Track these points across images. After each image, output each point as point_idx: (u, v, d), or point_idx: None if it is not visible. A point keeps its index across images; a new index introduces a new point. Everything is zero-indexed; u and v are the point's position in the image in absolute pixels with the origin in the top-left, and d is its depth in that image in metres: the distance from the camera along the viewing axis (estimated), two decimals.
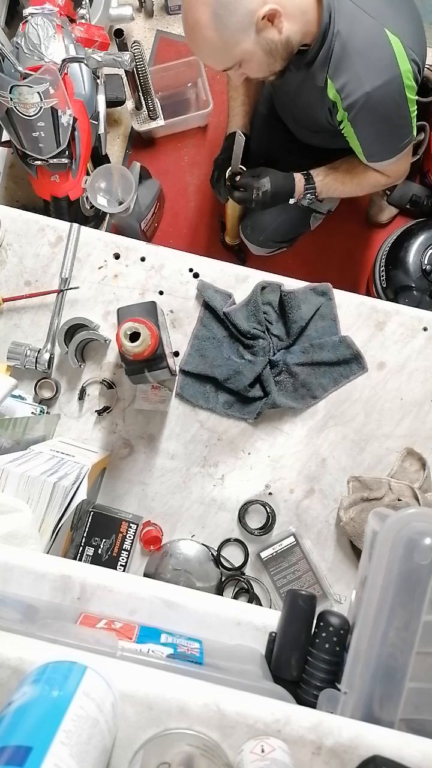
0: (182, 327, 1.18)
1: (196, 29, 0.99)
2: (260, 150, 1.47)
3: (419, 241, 1.61)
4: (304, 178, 1.26)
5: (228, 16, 0.96)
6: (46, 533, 0.86)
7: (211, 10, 0.95)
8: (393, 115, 1.09)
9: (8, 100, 1.33)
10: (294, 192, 1.25)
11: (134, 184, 1.30)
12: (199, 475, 1.17)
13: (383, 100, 1.06)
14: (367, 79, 1.03)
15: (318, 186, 1.26)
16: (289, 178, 1.25)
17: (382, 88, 1.04)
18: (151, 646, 0.60)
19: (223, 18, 0.96)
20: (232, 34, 0.98)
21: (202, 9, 0.95)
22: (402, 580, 0.56)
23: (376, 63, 1.03)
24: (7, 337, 1.16)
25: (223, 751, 0.49)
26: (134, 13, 1.94)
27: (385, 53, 1.02)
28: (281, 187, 1.24)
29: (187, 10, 0.98)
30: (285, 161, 1.37)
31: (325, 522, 1.16)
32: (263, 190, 1.21)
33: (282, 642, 0.64)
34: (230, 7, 0.95)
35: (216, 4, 0.94)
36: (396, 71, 1.02)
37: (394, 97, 1.06)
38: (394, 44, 1.01)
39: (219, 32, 0.98)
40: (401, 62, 1.02)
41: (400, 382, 1.17)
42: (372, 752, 0.49)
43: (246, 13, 0.96)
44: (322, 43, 1.04)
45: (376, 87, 1.03)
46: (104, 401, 1.17)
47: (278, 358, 1.15)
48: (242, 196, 1.24)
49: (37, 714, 0.42)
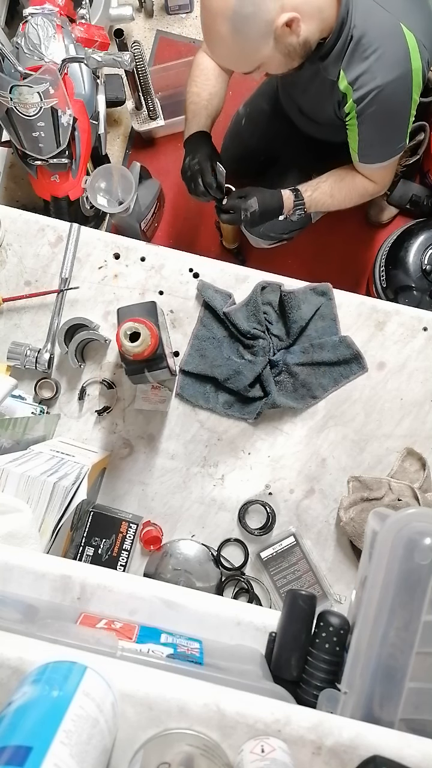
0: (182, 327, 1.18)
1: (217, 40, 1.00)
2: (261, 146, 1.46)
3: (419, 241, 1.61)
4: (293, 194, 1.24)
5: (248, 27, 0.96)
6: (46, 533, 0.86)
7: (231, 23, 0.96)
8: (396, 113, 1.10)
9: (8, 100, 1.33)
10: (283, 209, 1.24)
11: (134, 184, 1.30)
12: (199, 475, 1.17)
13: (392, 96, 1.07)
14: (380, 73, 1.04)
15: (307, 201, 1.25)
16: (277, 195, 1.23)
17: (393, 83, 1.05)
18: (151, 646, 0.60)
19: (243, 30, 0.97)
20: (252, 43, 0.99)
21: (221, 22, 0.96)
22: (402, 580, 0.56)
23: (390, 57, 1.03)
24: (7, 337, 1.16)
25: (223, 751, 0.49)
26: (134, 13, 1.94)
27: (399, 48, 1.03)
28: (269, 206, 1.21)
29: (208, 22, 0.99)
30: (286, 156, 1.36)
31: (325, 522, 1.16)
32: (251, 210, 1.18)
33: (282, 642, 0.64)
34: (250, 19, 0.95)
35: (235, 17, 0.95)
36: (408, 67, 1.04)
37: (402, 94, 1.07)
38: (409, 39, 1.02)
39: (239, 43, 0.99)
40: (414, 59, 1.03)
41: (400, 382, 1.17)
42: (372, 752, 0.49)
43: (265, 23, 0.96)
44: (338, 36, 1.04)
45: (388, 81, 1.04)
46: (104, 401, 1.17)
47: (278, 358, 1.15)
48: (231, 218, 1.20)
49: (37, 714, 0.42)
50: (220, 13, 0.95)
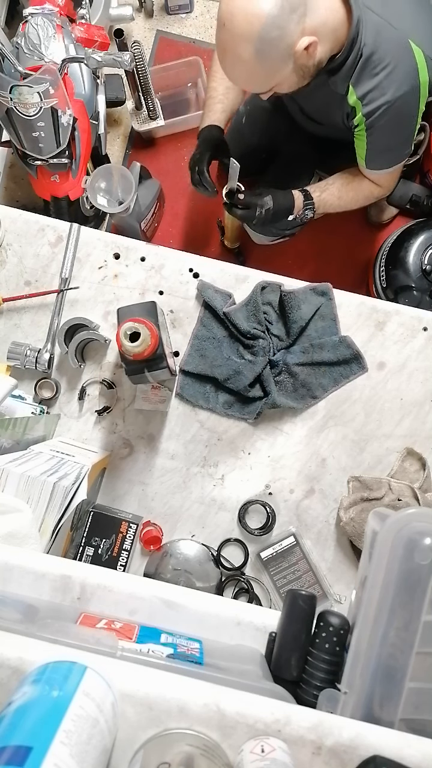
0: (182, 327, 1.18)
1: (237, 63, 1.00)
2: (262, 143, 1.47)
3: (419, 241, 1.61)
4: (302, 195, 1.27)
5: (270, 51, 0.96)
6: (46, 533, 0.86)
7: (254, 46, 0.95)
8: (404, 125, 1.13)
9: (8, 100, 1.33)
10: (293, 209, 1.26)
11: (134, 184, 1.30)
12: (199, 475, 1.17)
13: (402, 109, 1.09)
14: (390, 89, 1.06)
15: (316, 202, 1.28)
16: (288, 196, 1.25)
17: (403, 98, 1.07)
18: (151, 646, 0.60)
19: (265, 53, 0.96)
20: (272, 66, 1.00)
21: (245, 45, 0.95)
22: (402, 580, 0.56)
23: (400, 73, 1.06)
24: (7, 337, 1.16)
25: (223, 751, 0.49)
26: (134, 13, 1.93)
27: (409, 63, 1.05)
28: (281, 205, 1.24)
29: (228, 44, 0.98)
30: (287, 150, 1.37)
31: (325, 522, 1.16)
32: (266, 207, 1.21)
33: (282, 642, 0.64)
34: (273, 44, 0.95)
35: (259, 42, 0.94)
36: (417, 81, 1.06)
37: (410, 107, 1.10)
38: (417, 55, 1.05)
39: (260, 66, 0.99)
40: (422, 73, 1.06)
41: (400, 382, 1.17)
42: (372, 752, 0.49)
43: (286, 47, 0.97)
44: (349, 53, 1.05)
45: (398, 96, 1.07)
46: (104, 401, 1.17)
47: (278, 358, 1.15)
48: (245, 214, 1.23)
49: (37, 714, 0.42)
50: (245, 37, 0.94)
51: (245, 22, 0.92)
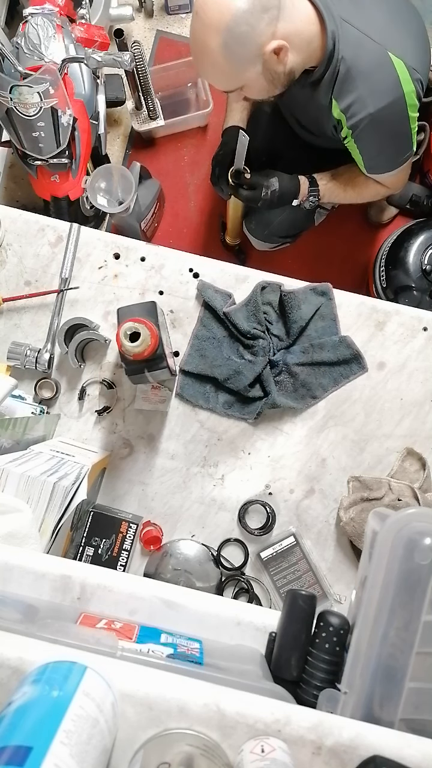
0: (182, 327, 1.18)
1: (204, 53, 1.00)
2: (263, 147, 1.47)
3: (419, 241, 1.61)
4: (308, 180, 1.27)
5: (237, 47, 0.97)
6: (46, 533, 0.86)
7: (222, 38, 0.95)
8: (395, 133, 1.12)
9: (8, 100, 1.33)
10: (298, 194, 1.27)
11: (134, 184, 1.30)
12: (199, 475, 1.17)
13: (386, 121, 1.08)
14: (371, 102, 1.06)
15: (321, 189, 1.28)
16: (295, 180, 1.26)
17: (386, 109, 1.06)
18: (151, 646, 0.60)
19: (233, 48, 0.97)
20: (238, 63, 1.00)
21: (213, 35, 0.96)
22: (402, 580, 0.56)
23: (380, 86, 1.05)
24: (7, 337, 1.16)
25: (223, 751, 0.49)
26: (134, 13, 1.93)
27: (388, 76, 1.04)
28: (287, 189, 1.25)
29: (198, 33, 0.98)
30: (288, 158, 1.38)
31: (325, 522, 1.16)
32: (272, 189, 1.22)
33: (282, 642, 0.64)
34: (241, 39, 0.96)
35: (228, 34, 0.95)
36: (399, 92, 1.05)
37: (397, 117, 1.09)
38: (398, 67, 1.04)
39: (226, 59, 0.99)
40: (404, 84, 1.04)
41: (400, 382, 1.17)
42: (372, 752, 0.49)
43: (255, 46, 0.97)
44: (327, 66, 1.05)
45: (379, 108, 1.06)
46: (104, 401, 1.17)
47: (278, 358, 1.15)
48: (251, 195, 1.24)
49: (37, 714, 0.42)
50: (214, 27, 0.95)
51: (216, 12, 0.94)
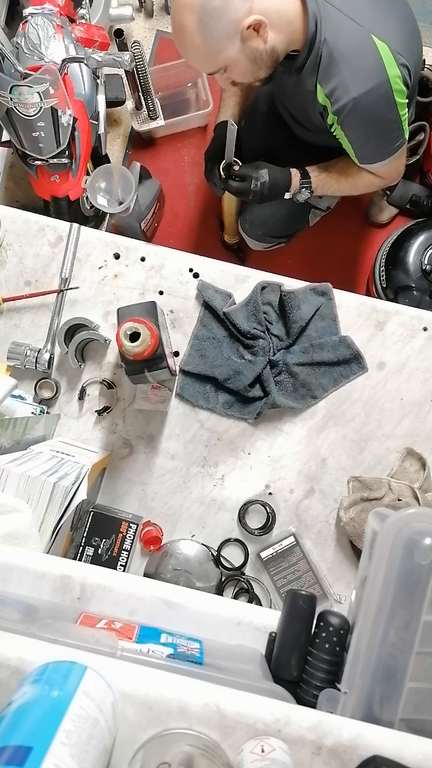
0: (182, 327, 1.18)
1: (182, 33, 1.01)
2: (261, 146, 1.47)
3: (419, 241, 1.61)
4: (300, 173, 1.26)
5: (213, 23, 0.97)
6: (46, 533, 0.86)
7: (197, 16, 0.96)
8: (382, 119, 1.10)
9: (8, 100, 1.33)
10: (290, 186, 1.26)
11: (134, 184, 1.30)
12: (199, 475, 1.17)
13: (371, 105, 1.07)
14: (354, 85, 1.04)
15: (313, 181, 1.27)
16: (286, 172, 1.25)
17: (370, 94, 1.05)
18: (151, 646, 0.60)
19: (209, 25, 0.97)
20: (216, 41, 1.00)
21: (188, 15, 0.97)
22: (402, 580, 0.56)
23: (362, 69, 1.04)
24: (7, 337, 1.16)
25: (223, 751, 0.49)
26: (134, 13, 1.93)
27: (371, 59, 1.03)
28: (278, 180, 1.24)
29: (175, 15, 1.00)
30: (286, 157, 1.37)
31: (325, 522, 1.16)
32: (262, 180, 1.21)
33: (282, 642, 0.64)
34: (215, 15, 0.96)
35: (202, 11, 0.96)
36: (383, 76, 1.03)
37: (382, 102, 1.07)
38: (381, 50, 1.02)
39: (204, 38, 0.99)
40: (389, 67, 1.03)
41: (400, 382, 1.17)
42: (372, 752, 0.49)
43: (231, 22, 0.97)
44: (310, 50, 1.05)
45: (363, 93, 1.04)
46: (104, 401, 1.17)
47: (278, 358, 1.15)
48: (240, 186, 1.23)
49: (37, 714, 0.43)
50: (188, 5, 0.96)
51: None
